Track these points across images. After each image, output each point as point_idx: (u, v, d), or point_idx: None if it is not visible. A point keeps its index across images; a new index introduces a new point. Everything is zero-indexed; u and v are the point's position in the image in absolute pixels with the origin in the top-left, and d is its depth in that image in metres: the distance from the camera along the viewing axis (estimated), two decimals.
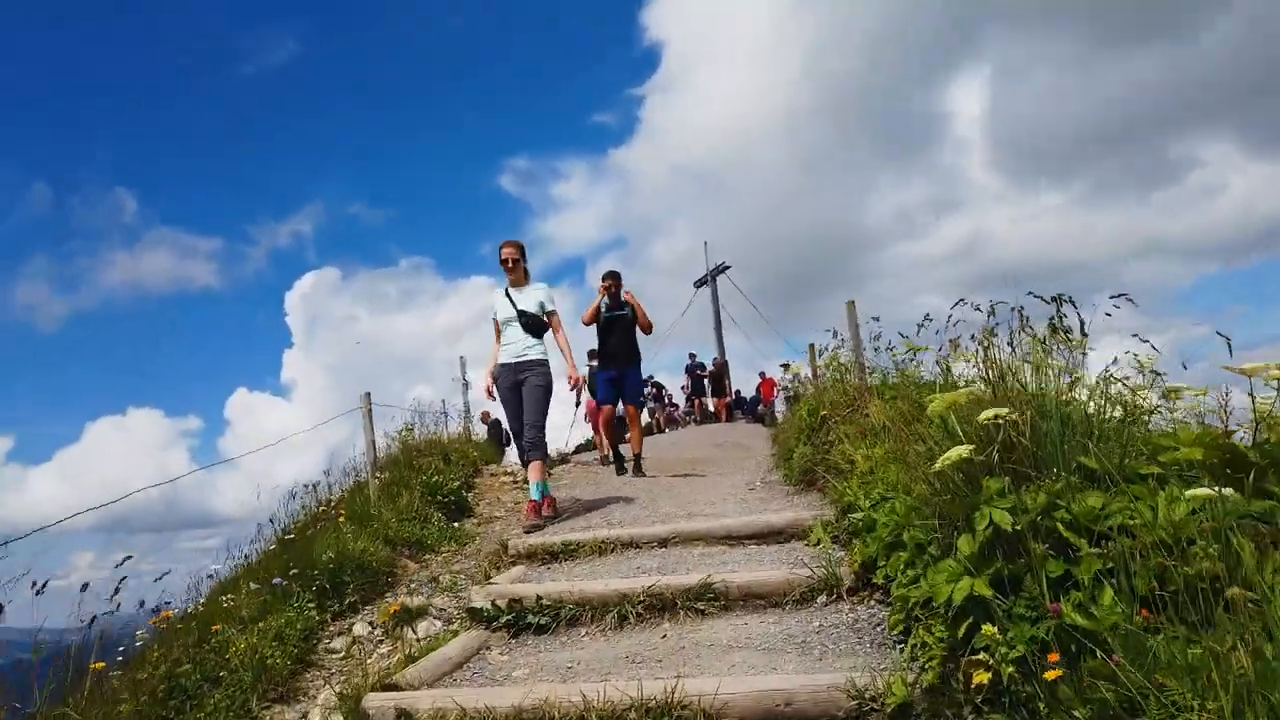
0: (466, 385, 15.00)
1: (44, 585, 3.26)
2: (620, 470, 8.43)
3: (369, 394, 6.11)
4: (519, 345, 5.68)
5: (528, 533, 5.37)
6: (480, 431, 14.17)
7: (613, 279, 8.07)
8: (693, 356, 22.82)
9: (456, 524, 5.82)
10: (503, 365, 5.67)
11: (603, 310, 8.01)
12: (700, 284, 30.55)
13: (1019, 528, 2.38)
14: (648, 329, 8.10)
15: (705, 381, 24.13)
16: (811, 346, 9.09)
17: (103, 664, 3.61)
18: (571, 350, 5.84)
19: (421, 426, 10.28)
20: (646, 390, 24.10)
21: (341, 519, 5.20)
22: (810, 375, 9.17)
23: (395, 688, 2.89)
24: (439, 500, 6.06)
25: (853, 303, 5.85)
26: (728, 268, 29.69)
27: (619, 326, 8.11)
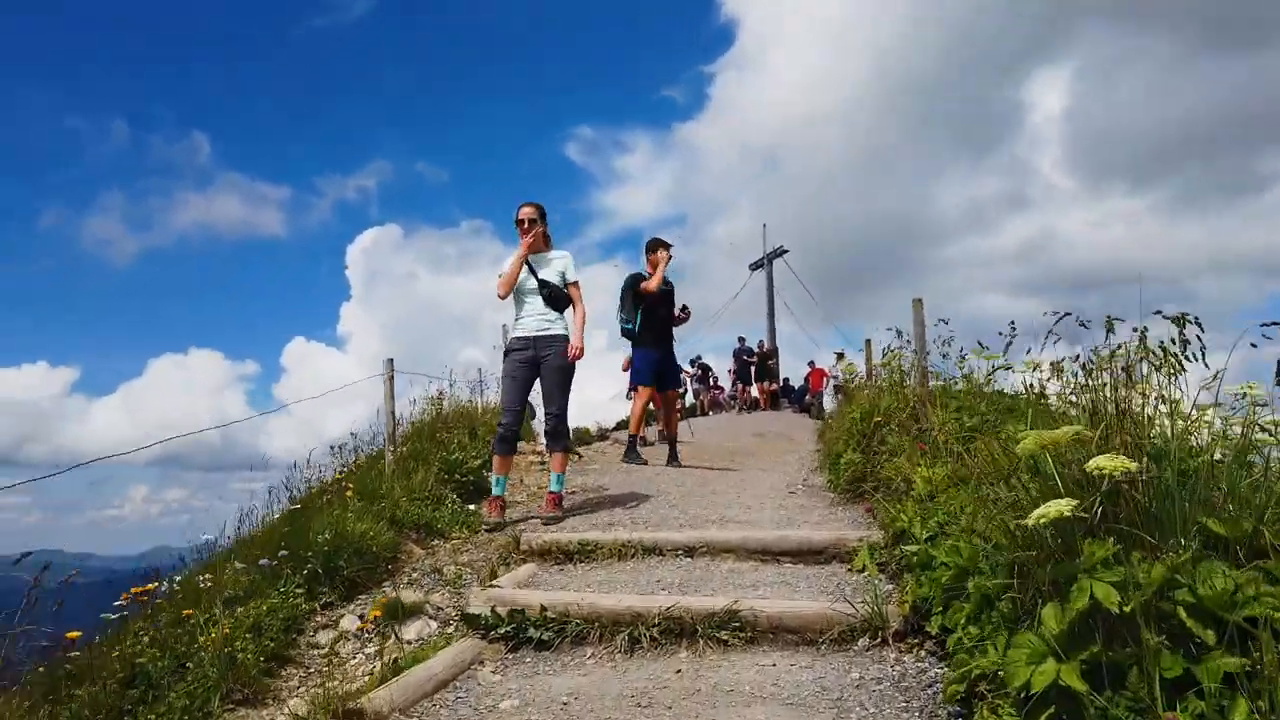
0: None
1: None
2: (633, 459, 7.89)
3: (391, 360, 5.75)
4: (539, 319, 5.22)
5: (546, 524, 4.98)
6: None
7: (667, 248, 7.58)
8: (741, 340, 22.04)
9: (473, 506, 5.44)
10: (519, 338, 5.19)
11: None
12: (756, 266, 29.88)
13: (1129, 609, 1.88)
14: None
15: (751, 368, 23.48)
16: (868, 343, 8.53)
17: (79, 633, 3.33)
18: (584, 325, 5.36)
19: (453, 396, 10.00)
20: (692, 370, 23.62)
21: (349, 493, 4.86)
22: (864, 373, 8.61)
23: (360, 715, 2.50)
24: (457, 479, 5.69)
25: (919, 301, 5.30)
26: (785, 252, 28.97)
27: (668, 303, 7.65)
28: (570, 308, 5.29)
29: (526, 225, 5.18)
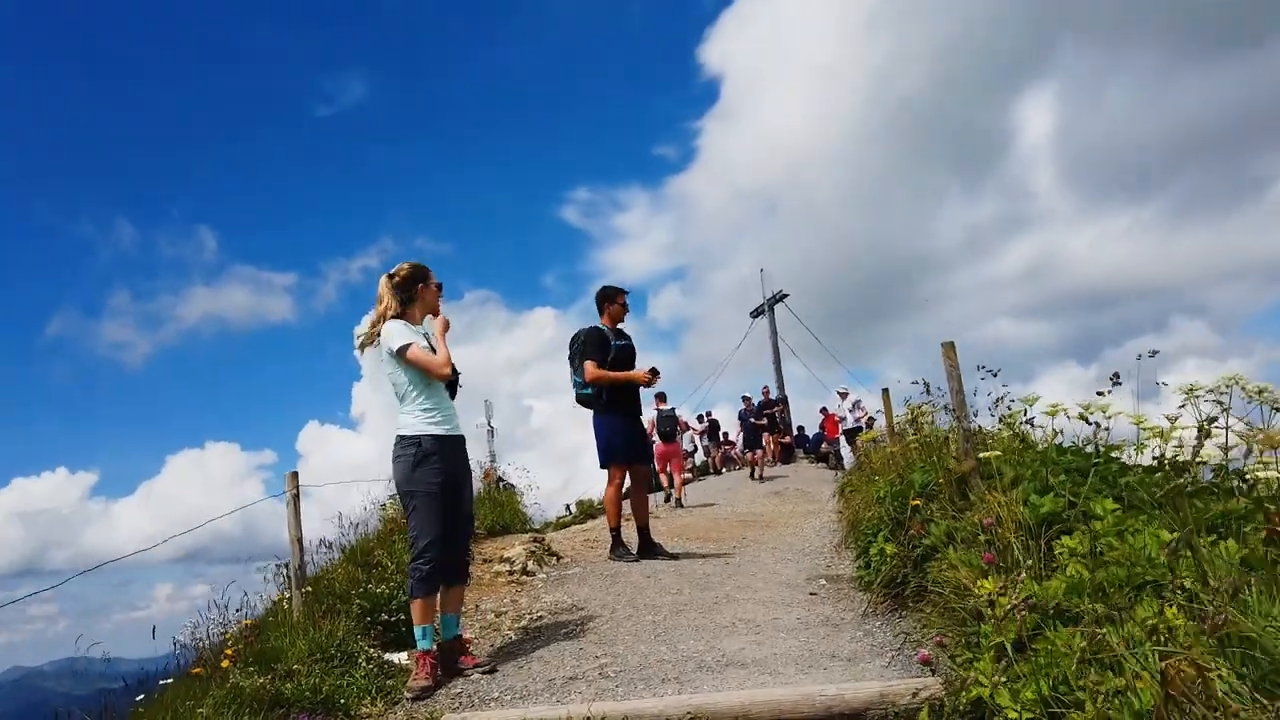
0: (492, 432, 13.49)
1: None
2: (619, 554, 6.53)
3: (295, 474, 4.54)
4: (452, 407, 4.09)
5: (484, 674, 3.74)
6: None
7: (623, 295, 6.37)
8: (747, 401, 19.72)
9: (401, 656, 4.17)
10: (445, 438, 3.94)
11: (610, 339, 6.26)
12: (757, 314, 28.80)
13: None
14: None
15: (761, 431, 21.85)
16: (886, 393, 7.30)
17: None
18: None
19: None
20: (701, 426, 22.25)
21: (227, 663, 3.63)
22: (884, 429, 7.36)
23: None
24: (381, 621, 4.42)
25: (951, 346, 4.08)
26: (785, 296, 27.89)
27: (629, 355, 6.34)
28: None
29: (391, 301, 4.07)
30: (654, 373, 6.12)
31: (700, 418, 22.29)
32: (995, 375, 4.50)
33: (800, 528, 9.25)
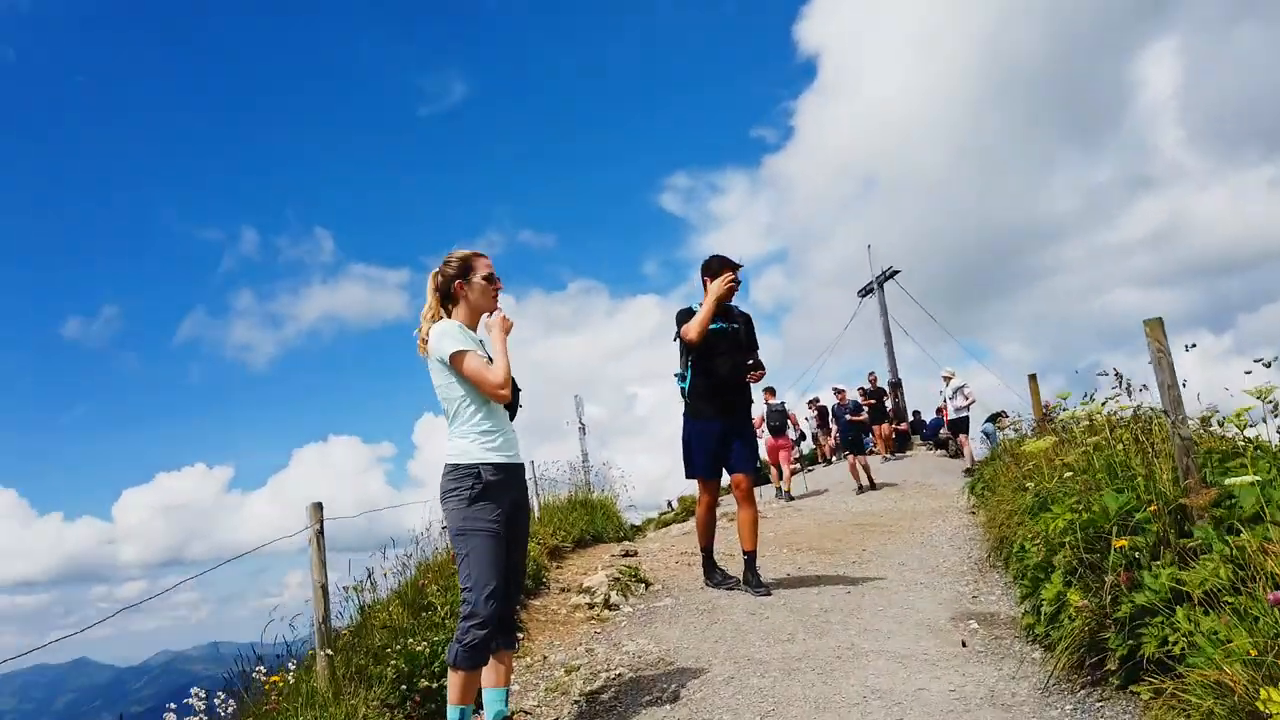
0: (583, 430, 12.73)
1: None
2: (716, 581, 5.54)
3: (319, 505, 3.76)
4: (514, 432, 3.20)
5: None
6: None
7: (733, 270, 5.14)
8: (840, 393, 16.44)
9: None
10: (505, 465, 3.05)
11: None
12: (865, 293, 27.15)
13: None
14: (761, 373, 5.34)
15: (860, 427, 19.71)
16: (1033, 380, 6.04)
17: None
18: None
19: None
20: (808, 416, 20.92)
21: None
22: (1032, 422, 6.11)
23: None
24: (420, 689, 3.56)
25: (1158, 323, 2.92)
26: (896, 273, 26.15)
27: (730, 347, 5.19)
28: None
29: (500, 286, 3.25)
30: (733, 269, 5.08)
31: (810, 404, 20.97)
32: (1268, 366, 3.21)
33: (928, 533, 8.05)
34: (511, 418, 3.20)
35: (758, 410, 16.29)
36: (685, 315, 5.17)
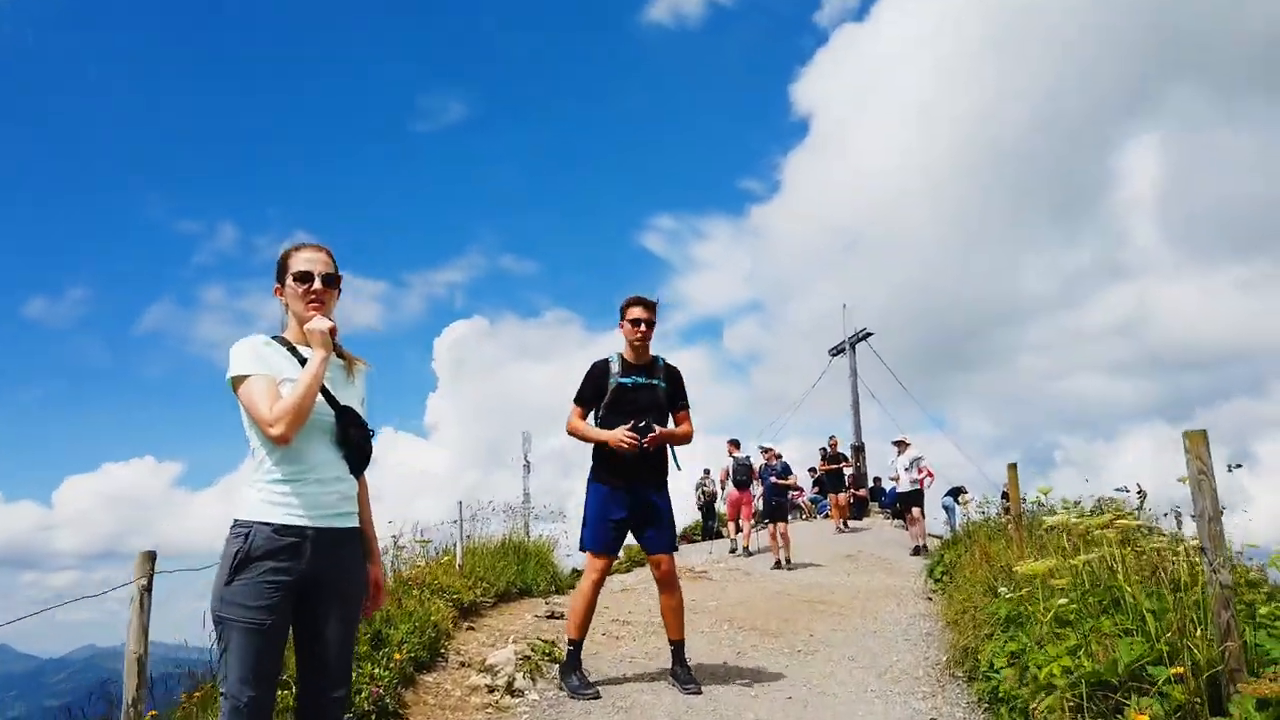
0: (528, 467, 11.96)
1: None
2: (574, 686, 4.40)
3: (150, 554, 3.02)
4: (338, 490, 2.37)
5: None
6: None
7: (648, 311, 4.39)
8: (768, 453, 14.06)
9: None
10: (288, 530, 2.23)
11: (615, 374, 4.36)
12: (837, 352, 26.73)
13: None
14: (687, 438, 4.52)
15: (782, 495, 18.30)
16: (1012, 469, 5.45)
17: None
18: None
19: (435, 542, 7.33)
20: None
21: None
22: (1011, 516, 5.51)
23: None
24: None
25: (1201, 435, 2.33)
26: (870, 335, 25.79)
27: (648, 404, 4.37)
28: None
29: (321, 286, 2.47)
30: (640, 431, 4.12)
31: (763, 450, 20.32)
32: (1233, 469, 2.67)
33: (882, 618, 7.39)
34: (356, 469, 2.43)
35: (723, 463, 15.64)
36: (598, 372, 4.40)
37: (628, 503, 4.30)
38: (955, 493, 19.21)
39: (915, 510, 13.27)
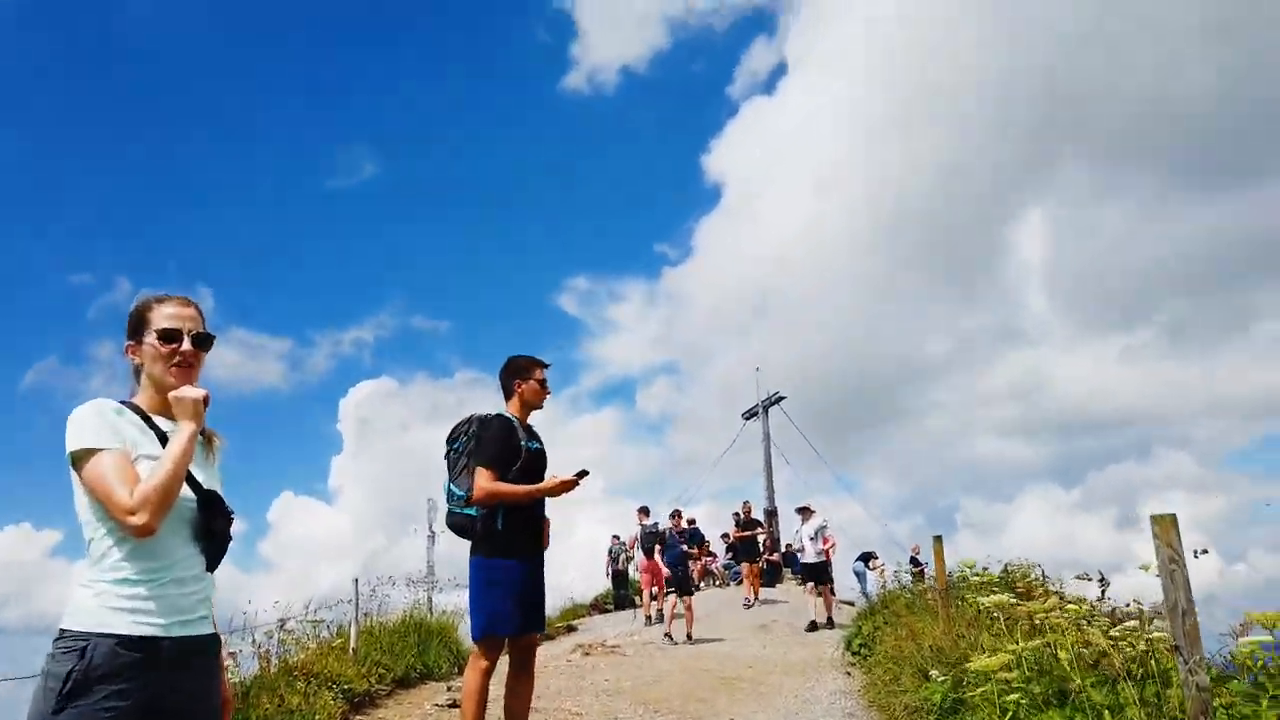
0: (432, 538, 11.34)
1: None
2: None
3: None
4: (194, 591, 1.92)
5: None
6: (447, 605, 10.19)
7: (542, 386, 4.15)
8: (675, 518, 14.05)
9: None
10: (138, 642, 1.78)
11: (523, 442, 3.98)
12: (750, 415, 26.87)
13: None
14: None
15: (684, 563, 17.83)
16: (938, 541, 5.30)
17: None
18: None
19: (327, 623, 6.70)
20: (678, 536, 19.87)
21: None
22: (937, 591, 5.33)
23: None
24: None
25: (1172, 520, 2.15)
26: (782, 398, 26.05)
27: (540, 470, 4.07)
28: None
29: (191, 347, 2.05)
30: (580, 475, 3.91)
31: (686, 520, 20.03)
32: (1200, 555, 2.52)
33: (802, 695, 7.08)
34: (213, 565, 1.99)
35: (630, 530, 15.23)
36: (509, 432, 3.97)
37: (525, 579, 3.92)
38: (866, 558, 19.26)
39: (823, 585, 12.24)
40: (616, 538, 18.28)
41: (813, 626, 11.60)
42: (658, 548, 12.50)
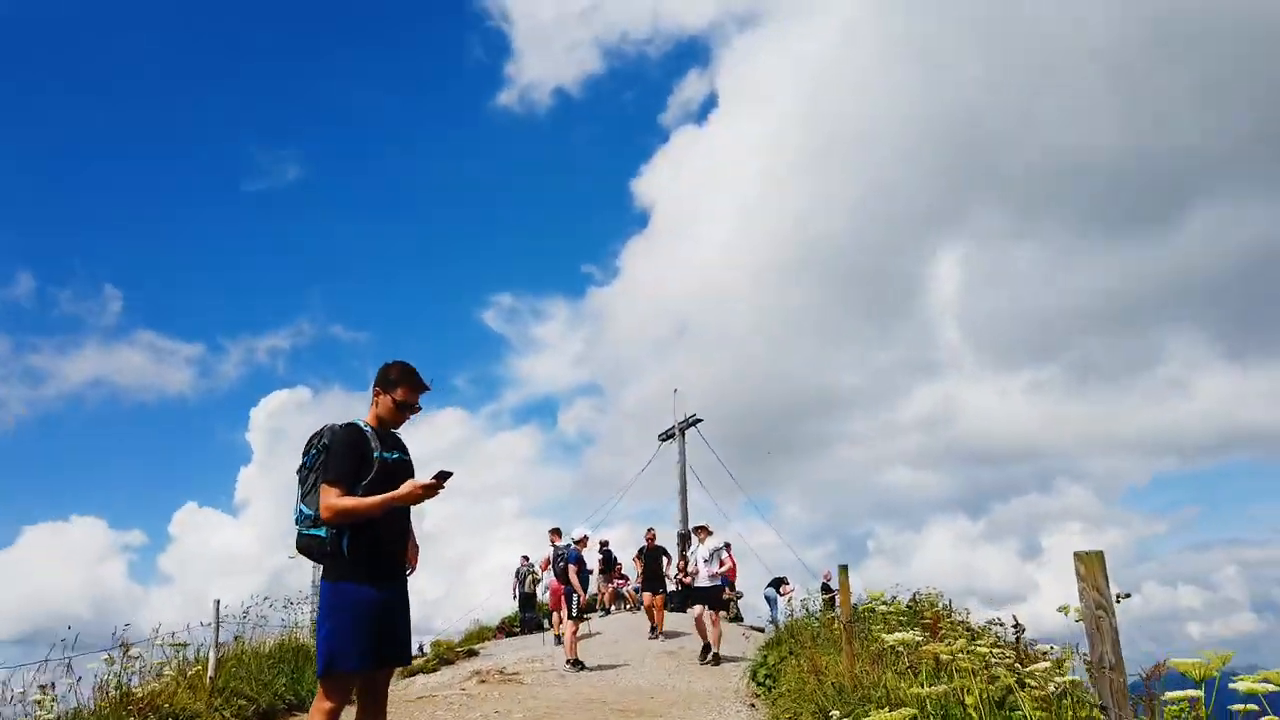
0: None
1: None
2: None
3: None
4: None
5: None
6: None
7: (418, 399, 3.69)
8: (580, 543, 12.52)
9: None
10: None
11: (377, 453, 3.49)
12: (666, 437, 26.58)
13: None
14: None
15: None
16: (844, 571, 5.01)
17: None
18: None
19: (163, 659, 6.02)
20: (596, 556, 19.43)
21: None
22: (841, 624, 5.04)
23: None
24: None
25: (1099, 557, 1.86)
26: (699, 420, 25.85)
27: (405, 480, 3.53)
28: None
29: None
30: (441, 477, 3.38)
31: (599, 545, 19.55)
32: (1121, 600, 2.27)
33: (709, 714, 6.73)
34: None
35: (543, 552, 14.62)
36: (360, 443, 3.47)
37: (391, 605, 3.46)
38: (777, 583, 19.09)
39: (712, 613, 11.11)
40: (526, 559, 17.70)
41: (714, 659, 10.83)
42: (571, 569, 11.95)
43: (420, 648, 14.15)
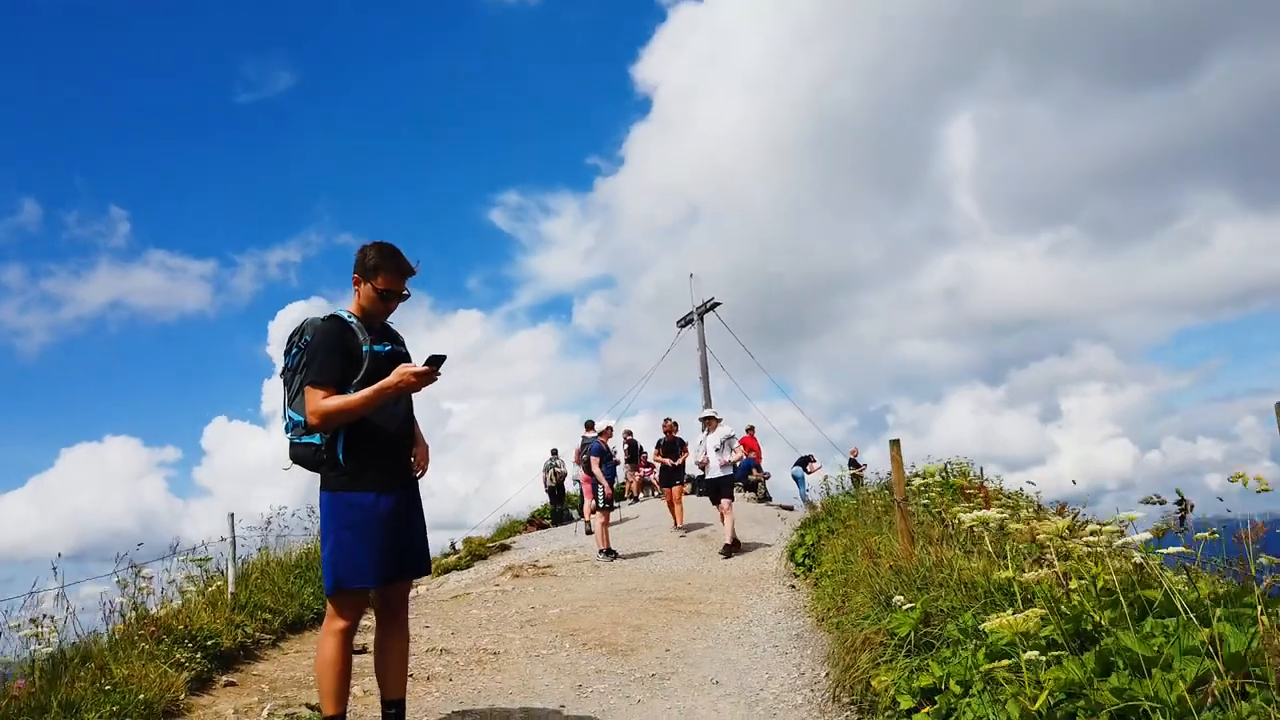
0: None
1: None
2: None
3: None
4: None
5: None
6: None
7: (405, 283, 3.16)
8: (604, 434, 12.23)
9: None
10: None
11: (366, 346, 3.05)
12: (684, 323, 26.12)
13: None
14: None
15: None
16: (894, 445, 4.56)
17: None
18: None
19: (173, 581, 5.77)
20: (622, 446, 19.27)
21: None
22: (896, 503, 4.62)
23: None
24: None
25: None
26: (717, 304, 25.29)
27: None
28: None
29: None
30: (434, 362, 2.91)
31: (624, 435, 19.38)
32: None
33: (744, 617, 6.47)
34: None
35: (573, 445, 14.39)
36: (347, 337, 3.03)
37: (398, 511, 3.04)
38: (804, 461, 18.94)
39: (725, 501, 10.74)
40: (554, 451, 17.56)
41: (727, 552, 10.23)
42: (594, 460, 11.69)
43: (452, 544, 14.14)
